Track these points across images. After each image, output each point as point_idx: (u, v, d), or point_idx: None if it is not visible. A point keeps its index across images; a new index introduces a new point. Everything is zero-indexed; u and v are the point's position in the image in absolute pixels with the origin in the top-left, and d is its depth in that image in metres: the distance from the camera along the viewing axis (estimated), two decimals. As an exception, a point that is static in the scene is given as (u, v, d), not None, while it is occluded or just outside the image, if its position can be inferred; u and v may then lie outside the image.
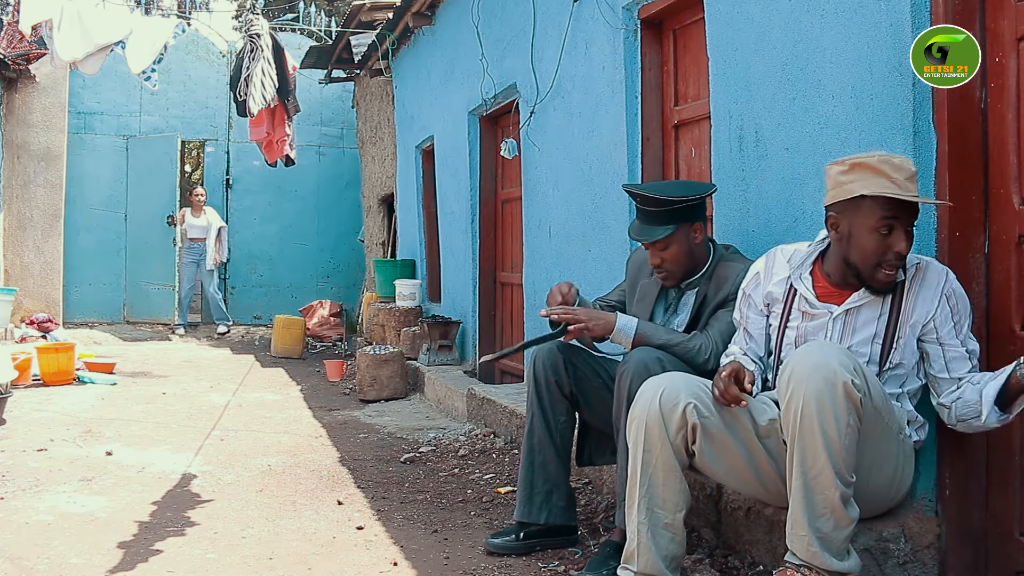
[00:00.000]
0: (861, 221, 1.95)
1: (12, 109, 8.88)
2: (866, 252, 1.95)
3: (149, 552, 2.64)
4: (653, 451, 2.02)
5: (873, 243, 1.94)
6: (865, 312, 2.03)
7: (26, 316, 8.72)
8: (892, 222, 1.92)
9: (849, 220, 1.98)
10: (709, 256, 2.59)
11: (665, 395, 2.02)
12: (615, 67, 3.66)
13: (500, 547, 2.61)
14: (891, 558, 2.05)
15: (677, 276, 2.58)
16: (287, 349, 8.20)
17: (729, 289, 2.45)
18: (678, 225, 2.50)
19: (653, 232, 2.51)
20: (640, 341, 2.45)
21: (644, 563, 2.02)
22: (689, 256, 2.55)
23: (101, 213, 9.93)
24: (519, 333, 5.23)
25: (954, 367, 1.97)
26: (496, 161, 5.69)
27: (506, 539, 2.63)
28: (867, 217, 1.94)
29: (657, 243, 2.53)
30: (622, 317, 2.51)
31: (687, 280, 2.59)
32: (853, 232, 1.97)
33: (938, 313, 1.96)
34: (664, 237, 2.51)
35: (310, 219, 10.73)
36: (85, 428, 4.57)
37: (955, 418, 1.95)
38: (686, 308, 2.60)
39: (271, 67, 5.92)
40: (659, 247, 2.54)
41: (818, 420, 1.78)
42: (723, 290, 2.48)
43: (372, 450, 4.15)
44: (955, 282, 1.97)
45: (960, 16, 2.02)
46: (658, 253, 2.54)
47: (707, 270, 2.56)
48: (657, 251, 2.55)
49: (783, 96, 2.60)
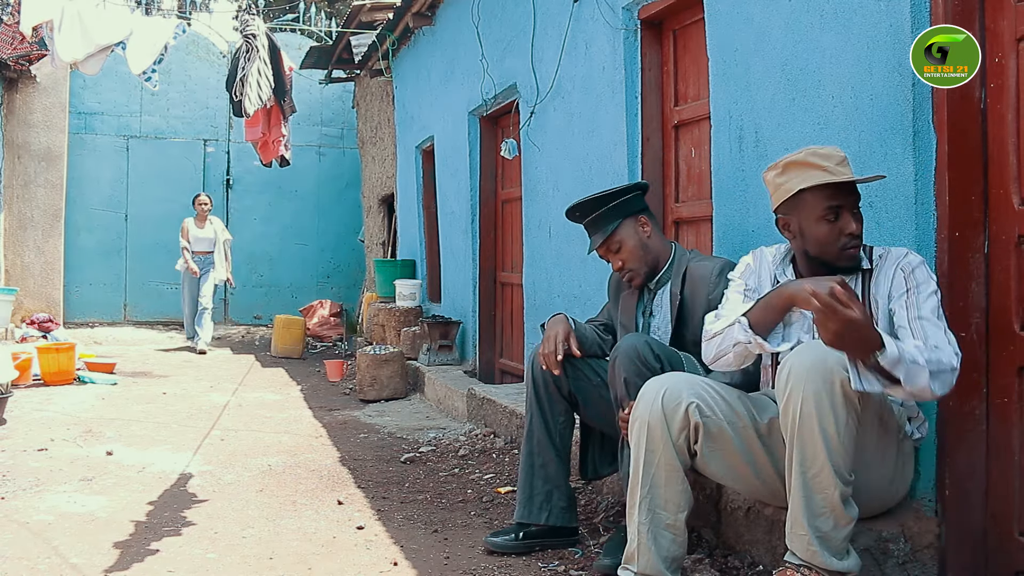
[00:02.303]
0: (807, 214, 2.02)
1: (13, 109, 8.88)
2: (822, 242, 2.02)
3: (149, 552, 2.64)
4: (655, 452, 2.02)
5: (824, 231, 2.01)
6: None
7: (27, 316, 8.73)
8: (836, 208, 2.00)
9: (797, 217, 2.05)
10: (670, 251, 2.64)
11: (667, 395, 2.02)
12: (615, 67, 3.66)
13: (499, 546, 2.61)
14: (891, 558, 2.05)
15: (641, 273, 2.63)
16: (287, 349, 8.20)
17: (711, 289, 2.46)
18: (620, 220, 2.60)
19: (601, 235, 2.62)
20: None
21: (644, 564, 2.02)
22: (644, 249, 2.61)
23: (101, 213, 9.94)
24: (519, 333, 5.24)
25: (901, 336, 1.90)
26: (496, 161, 5.69)
27: (505, 538, 2.64)
28: (812, 209, 2.01)
29: (609, 244, 2.61)
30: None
31: (654, 278, 2.63)
32: (804, 227, 2.04)
33: (894, 285, 1.98)
34: (610, 235, 2.60)
35: (310, 219, 10.74)
36: (85, 428, 4.57)
37: None
38: (661, 309, 2.62)
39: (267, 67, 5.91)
40: (612, 248, 2.62)
41: (817, 419, 1.78)
42: (703, 292, 2.49)
43: (372, 450, 4.15)
44: (913, 256, 1.97)
45: (960, 16, 2.02)
46: (613, 256, 2.63)
47: (672, 265, 2.60)
48: (612, 254, 2.63)
49: (783, 96, 2.60)
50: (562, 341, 2.55)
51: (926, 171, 2.09)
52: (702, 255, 2.64)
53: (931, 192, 2.08)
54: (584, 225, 2.70)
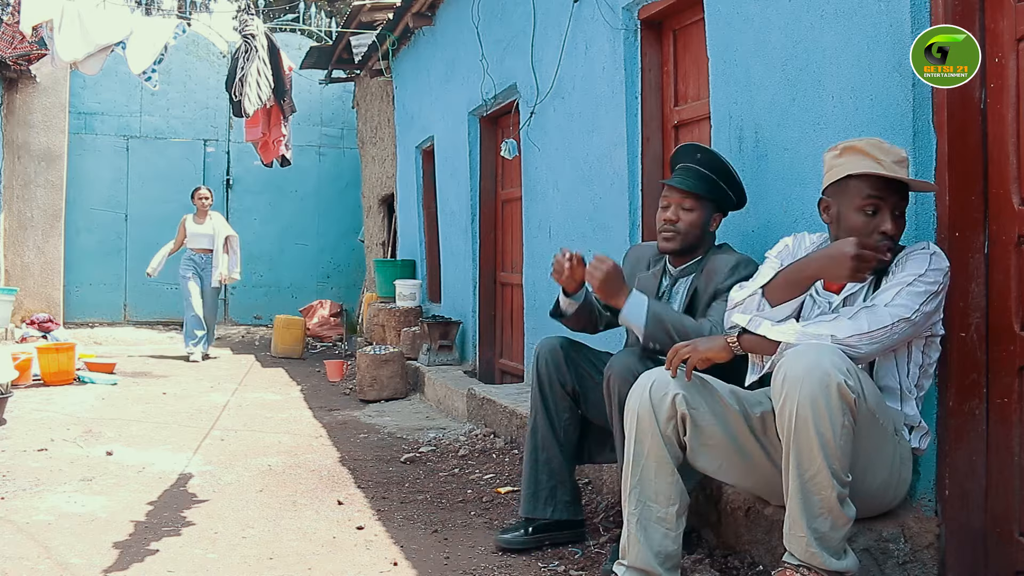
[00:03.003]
0: (848, 201, 2.00)
1: (13, 109, 8.89)
2: (853, 232, 1.97)
3: (149, 552, 2.64)
4: (644, 442, 2.02)
5: (860, 223, 1.98)
6: (859, 297, 2.04)
7: (27, 316, 8.74)
8: (877, 202, 1.96)
9: (838, 202, 2.02)
10: (708, 248, 2.61)
11: (655, 386, 2.03)
12: (615, 67, 3.66)
13: (510, 542, 2.63)
14: (891, 558, 2.05)
15: (680, 244, 2.56)
16: (287, 349, 8.20)
17: (720, 280, 2.46)
18: (713, 198, 2.55)
19: (694, 186, 2.52)
20: (655, 315, 2.40)
21: (635, 556, 2.02)
22: (701, 232, 2.56)
23: (101, 213, 9.94)
24: (519, 333, 5.23)
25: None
26: (496, 161, 5.69)
27: (515, 534, 2.65)
28: (853, 197, 1.98)
29: (688, 200, 2.53)
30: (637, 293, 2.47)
31: (682, 264, 2.60)
32: (842, 213, 2.02)
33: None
34: (699, 195, 2.52)
35: (310, 219, 10.74)
36: (85, 428, 4.57)
37: None
38: (677, 297, 2.60)
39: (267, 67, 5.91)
40: (686, 205, 2.54)
41: (813, 422, 1.78)
42: (713, 282, 2.48)
43: (372, 450, 4.15)
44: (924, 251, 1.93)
45: (959, 16, 2.02)
46: (681, 210, 2.55)
47: (702, 259, 2.57)
48: (681, 208, 2.54)
49: (783, 96, 2.60)
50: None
51: (926, 171, 2.09)
52: (726, 249, 2.61)
53: (930, 193, 2.08)
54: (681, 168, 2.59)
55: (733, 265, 2.46)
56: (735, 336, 2.02)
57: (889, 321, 1.87)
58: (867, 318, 1.88)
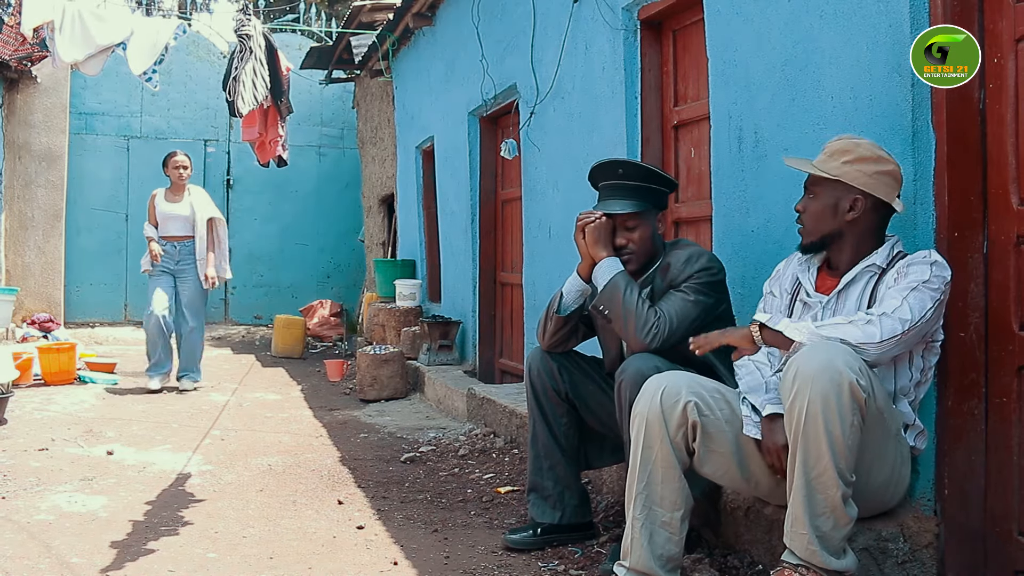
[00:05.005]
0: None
1: (13, 110, 8.89)
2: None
3: (149, 551, 2.65)
4: (653, 448, 2.03)
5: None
6: (851, 296, 2.06)
7: (27, 316, 8.74)
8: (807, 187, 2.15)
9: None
10: (661, 252, 2.58)
11: (666, 392, 2.03)
12: (615, 68, 3.66)
13: (518, 543, 2.63)
14: (890, 557, 2.05)
15: (638, 262, 2.55)
16: (287, 349, 8.20)
17: (675, 275, 2.45)
18: (650, 206, 2.54)
19: (629, 206, 2.51)
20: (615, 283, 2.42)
21: (637, 559, 2.03)
22: (652, 243, 2.55)
23: (102, 213, 9.94)
24: (519, 333, 5.24)
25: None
26: (496, 161, 5.70)
27: (524, 535, 2.66)
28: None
29: (629, 220, 2.51)
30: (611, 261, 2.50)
31: (642, 275, 2.57)
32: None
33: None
34: (637, 213, 2.50)
35: (310, 219, 10.74)
36: (86, 428, 4.58)
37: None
38: None
39: (263, 67, 5.89)
40: (630, 226, 2.52)
41: (823, 420, 1.78)
42: (668, 277, 2.47)
43: (372, 450, 4.16)
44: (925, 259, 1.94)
45: (959, 17, 2.02)
46: (626, 233, 2.53)
47: (659, 264, 2.55)
48: (625, 230, 2.53)
49: (782, 97, 2.60)
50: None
51: (925, 171, 2.09)
52: (686, 244, 2.59)
53: (930, 192, 2.09)
54: (607, 186, 2.58)
55: (686, 259, 2.46)
56: (758, 327, 2.03)
57: (900, 329, 1.87)
58: (879, 325, 1.87)
